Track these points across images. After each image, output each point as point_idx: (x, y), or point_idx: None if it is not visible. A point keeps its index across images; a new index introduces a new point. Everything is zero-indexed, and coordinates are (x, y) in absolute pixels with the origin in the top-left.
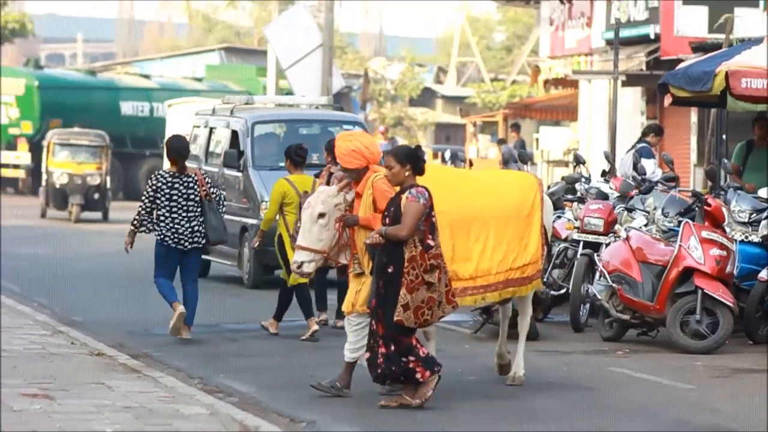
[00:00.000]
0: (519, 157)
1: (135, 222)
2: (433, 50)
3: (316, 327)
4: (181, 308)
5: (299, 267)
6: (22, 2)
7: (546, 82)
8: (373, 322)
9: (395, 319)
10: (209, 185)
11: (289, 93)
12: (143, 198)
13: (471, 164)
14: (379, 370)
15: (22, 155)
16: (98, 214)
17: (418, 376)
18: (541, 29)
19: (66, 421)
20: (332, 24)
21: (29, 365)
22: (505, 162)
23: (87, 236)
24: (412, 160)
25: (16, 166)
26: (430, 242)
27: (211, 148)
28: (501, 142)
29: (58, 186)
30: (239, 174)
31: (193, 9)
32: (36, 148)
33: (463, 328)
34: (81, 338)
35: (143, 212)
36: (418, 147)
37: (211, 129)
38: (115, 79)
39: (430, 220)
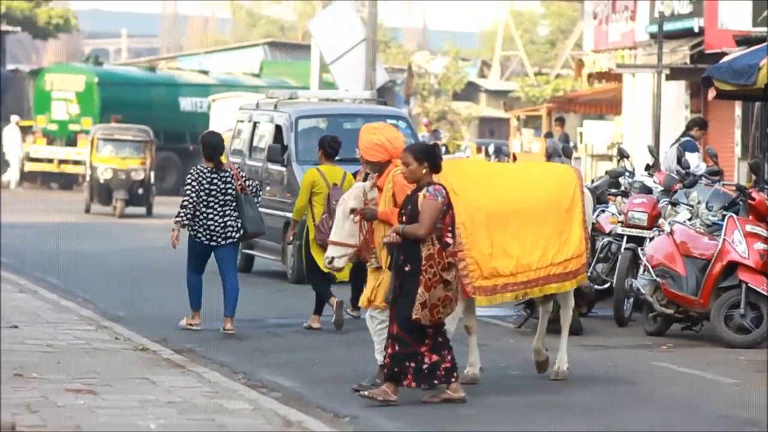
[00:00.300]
0: (562, 151)
1: (181, 217)
2: (476, 44)
3: (317, 325)
4: (197, 321)
5: (330, 262)
6: None
7: (590, 75)
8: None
9: (414, 317)
10: (244, 178)
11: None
12: (188, 193)
13: (515, 158)
14: (385, 370)
15: (83, 151)
16: (142, 209)
17: (405, 383)
18: (584, 23)
19: (110, 416)
20: (376, 18)
21: (73, 361)
22: (549, 156)
23: (131, 231)
24: (429, 157)
25: (76, 162)
26: (448, 240)
27: (254, 143)
28: (548, 135)
29: (102, 181)
30: (283, 168)
31: (237, 4)
32: None
33: (506, 323)
34: (125, 333)
35: (189, 206)
36: (436, 144)
37: (255, 124)
38: (174, 75)
39: (447, 218)
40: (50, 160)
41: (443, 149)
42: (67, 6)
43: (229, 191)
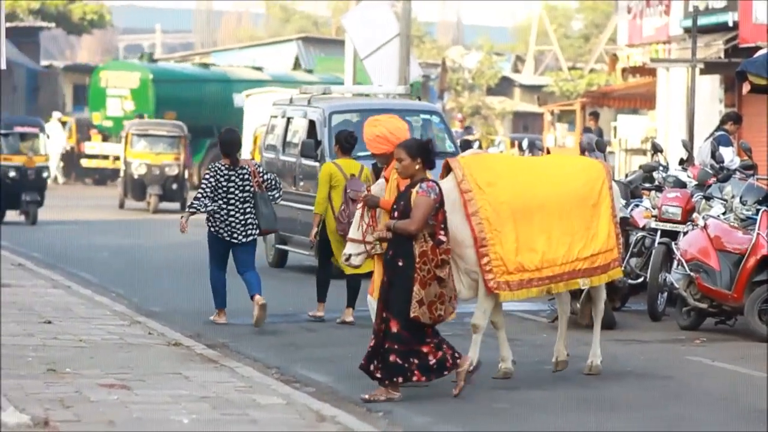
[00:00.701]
0: (596, 145)
1: (195, 207)
2: (510, 39)
3: (351, 318)
4: (224, 319)
5: (347, 259)
6: None
7: (624, 70)
8: (379, 319)
9: (412, 315)
10: (261, 174)
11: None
12: (203, 186)
13: (548, 153)
14: (372, 367)
15: None
16: (176, 205)
17: (415, 378)
18: (619, 17)
19: (143, 411)
20: (410, 13)
21: (107, 356)
22: (583, 150)
23: (164, 226)
24: (423, 153)
25: None
26: (441, 237)
27: (288, 138)
28: (587, 130)
29: (136, 177)
30: (316, 164)
31: None
32: None
33: (540, 318)
34: (158, 328)
35: (202, 198)
36: (430, 141)
37: (289, 119)
38: (228, 71)
39: (440, 215)
40: (105, 157)
41: (476, 145)
42: (101, 2)
43: (247, 188)
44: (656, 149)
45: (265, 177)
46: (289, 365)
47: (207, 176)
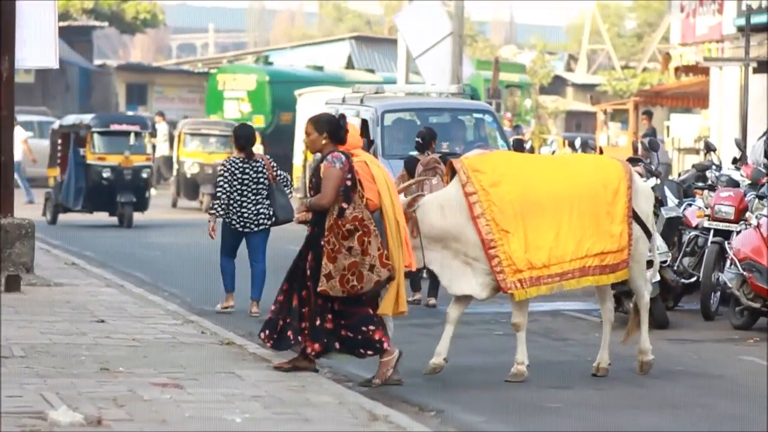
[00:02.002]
0: (649, 144)
1: (217, 209)
2: (563, 38)
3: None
4: (232, 303)
5: None
6: None
7: (677, 69)
8: (295, 295)
9: (319, 289)
10: (275, 169)
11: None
12: (221, 184)
13: (601, 152)
14: (291, 342)
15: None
16: None
17: (386, 345)
18: (672, 16)
19: (195, 410)
20: (462, 12)
21: (159, 355)
22: (636, 150)
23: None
24: (330, 127)
25: None
26: (344, 206)
27: None
28: (651, 133)
29: (188, 176)
30: None
31: None
32: (268, 142)
33: (592, 317)
34: (211, 328)
35: (223, 197)
36: (342, 116)
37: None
38: (342, 73)
39: (345, 184)
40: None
41: (528, 144)
42: (154, 1)
43: (261, 180)
44: (709, 148)
45: (278, 172)
46: (342, 364)
47: (222, 172)
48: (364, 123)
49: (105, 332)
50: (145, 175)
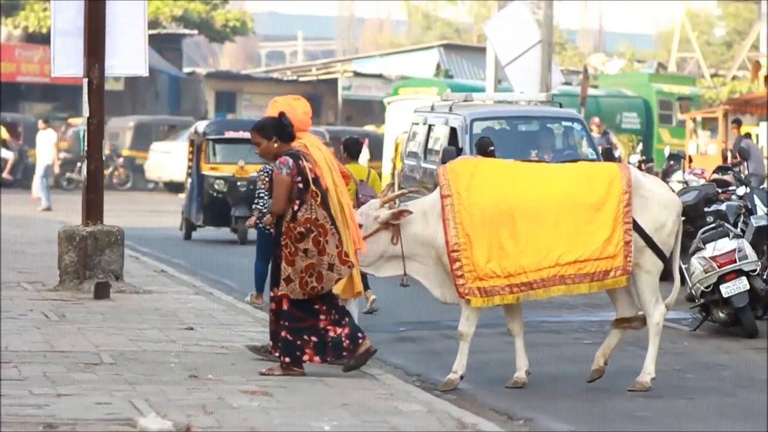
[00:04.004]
0: (739, 153)
1: (258, 219)
2: (652, 46)
3: (373, 297)
4: (261, 301)
5: None
6: (243, 1)
7: (767, 77)
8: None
9: (279, 293)
10: None
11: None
12: (261, 195)
13: (690, 160)
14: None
15: None
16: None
17: (306, 357)
18: (762, 24)
19: (284, 417)
20: (551, 20)
21: (248, 362)
22: (725, 158)
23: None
24: (275, 129)
25: None
26: (296, 208)
27: (429, 145)
28: (746, 136)
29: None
30: None
31: (413, 6)
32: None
33: (681, 326)
34: None
35: (264, 197)
36: (282, 114)
37: (430, 126)
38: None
39: (297, 187)
40: None
41: (617, 152)
42: (243, 9)
43: None
44: None
45: None
46: (431, 372)
47: (261, 177)
48: (453, 131)
49: (194, 339)
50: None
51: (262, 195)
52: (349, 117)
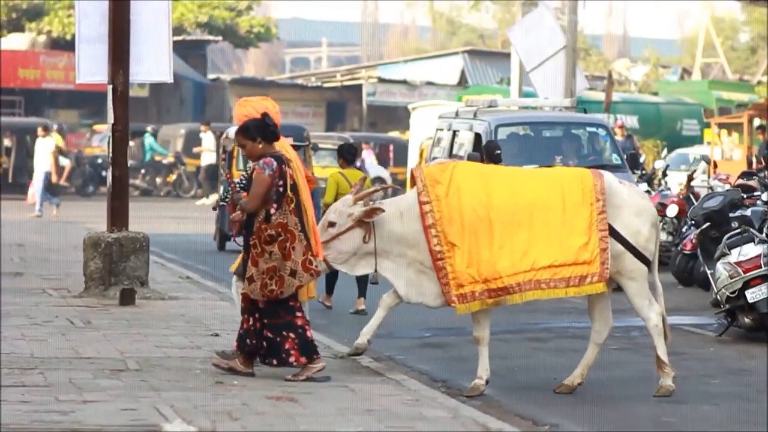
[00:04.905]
0: (764, 158)
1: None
2: (677, 51)
3: (362, 307)
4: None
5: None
6: (267, 6)
7: None
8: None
9: (241, 292)
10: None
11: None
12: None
13: (715, 165)
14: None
15: None
16: None
17: (292, 359)
18: None
19: (309, 423)
20: (576, 26)
21: (273, 368)
22: (750, 163)
23: None
24: (259, 131)
25: None
26: (271, 211)
27: (454, 151)
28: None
29: None
30: None
31: (437, 12)
32: None
33: (707, 331)
34: (325, 341)
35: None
36: (264, 114)
37: (455, 132)
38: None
39: (277, 189)
40: None
41: (642, 158)
42: (267, 15)
43: None
44: None
45: None
46: (456, 378)
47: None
48: (477, 137)
49: (219, 346)
50: None
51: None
52: (373, 123)
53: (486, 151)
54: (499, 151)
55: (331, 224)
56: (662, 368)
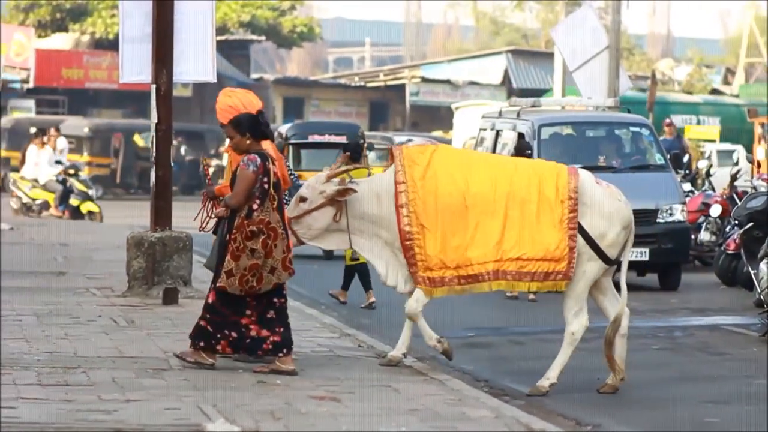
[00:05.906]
0: None
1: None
2: (721, 51)
3: (373, 299)
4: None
5: None
6: (311, 6)
7: None
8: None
9: (218, 285)
10: None
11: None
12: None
13: (759, 165)
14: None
15: None
16: None
17: (219, 347)
18: None
19: (352, 423)
20: (619, 25)
21: (316, 368)
22: None
23: None
24: (250, 127)
25: None
26: (254, 207)
27: (497, 151)
28: None
29: None
30: None
31: (480, 11)
32: None
33: (750, 332)
34: (368, 341)
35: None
36: (260, 112)
37: (498, 132)
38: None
39: (262, 187)
40: None
41: (686, 158)
42: (311, 15)
43: None
44: None
45: None
46: (498, 378)
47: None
48: (521, 136)
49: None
50: None
51: None
52: (416, 123)
53: (516, 152)
54: (529, 152)
55: (303, 199)
56: (550, 373)
